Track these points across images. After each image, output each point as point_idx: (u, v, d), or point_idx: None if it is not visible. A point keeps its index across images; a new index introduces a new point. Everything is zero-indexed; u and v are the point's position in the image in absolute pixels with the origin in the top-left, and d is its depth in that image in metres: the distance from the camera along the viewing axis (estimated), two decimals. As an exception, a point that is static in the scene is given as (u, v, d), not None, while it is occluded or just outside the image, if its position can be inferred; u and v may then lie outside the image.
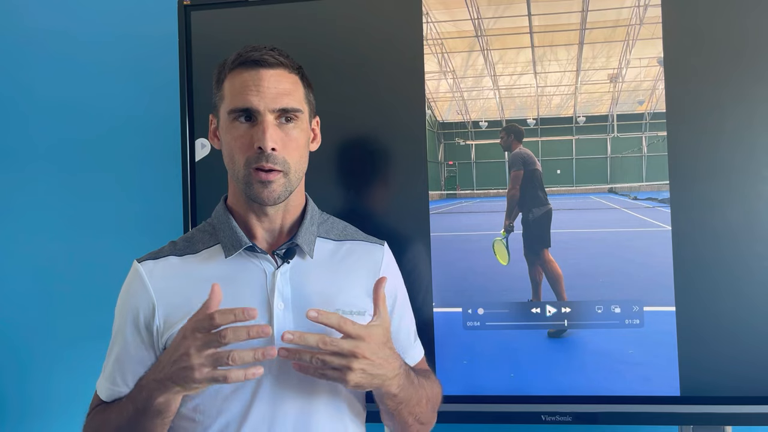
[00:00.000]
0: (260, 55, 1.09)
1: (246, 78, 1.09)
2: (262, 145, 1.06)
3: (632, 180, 1.56)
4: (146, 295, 1.12)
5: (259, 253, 1.13)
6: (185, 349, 0.96)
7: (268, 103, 1.08)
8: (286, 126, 1.10)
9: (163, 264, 1.15)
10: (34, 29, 2.05)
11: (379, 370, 1.02)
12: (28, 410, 2.06)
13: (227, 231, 1.14)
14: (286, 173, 1.10)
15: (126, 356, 1.13)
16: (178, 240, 1.21)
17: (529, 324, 1.56)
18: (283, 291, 1.11)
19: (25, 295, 2.05)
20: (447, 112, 1.62)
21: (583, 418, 1.53)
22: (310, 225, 1.17)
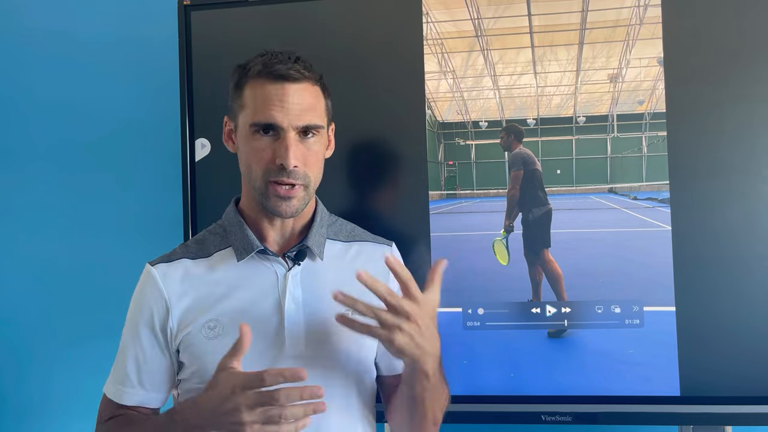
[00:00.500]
0: (286, 69, 1.08)
1: (270, 91, 1.08)
2: (285, 162, 1.07)
3: (632, 180, 1.56)
4: (160, 298, 1.13)
5: (271, 255, 1.14)
6: (235, 405, 0.95)
7: (292, 120, 1.08)
8: (306, 141, 1.10)
9: (176, 266, 1.16)
10: (34, 29, 2.05)
11: (424, 341, 1.02)
12: (27, 410, 2.06)
13: (239, 234, 1.15)
14: (306, 186, 1.11)
15: (141, 359, 1.14)
16: (189, 242, 1.22)
17: (529, 324, 1.56)
18: (294, 293, 1.12)
19: (25, 294, 2.05)
20: (447, 112, 1.62)
21: (583, 418, 1.53)
22: (320, 227, 1.18)
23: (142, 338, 1.14)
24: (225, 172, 1.66)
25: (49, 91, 2.04)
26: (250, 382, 0.95)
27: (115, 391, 1.16)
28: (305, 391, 0.95)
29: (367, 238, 1.25)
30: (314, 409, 0.96)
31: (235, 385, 0.96)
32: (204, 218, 1.67)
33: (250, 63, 1.12)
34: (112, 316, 2.00)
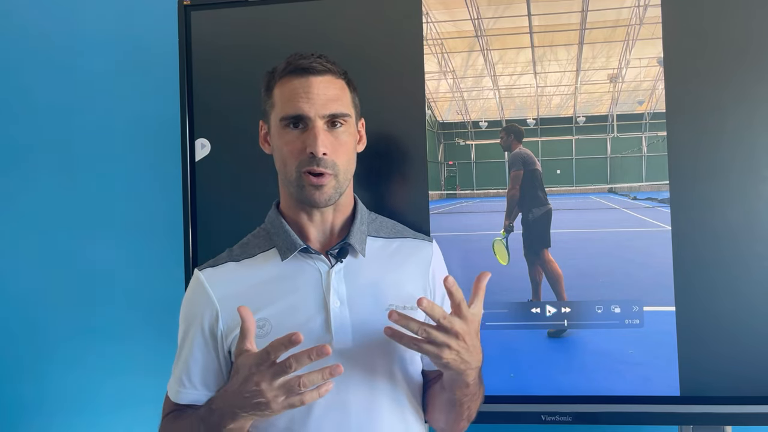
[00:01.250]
0: (309, 63, 1.13)
1: (296, 85, 1.13)
2: (314, 150, 1.11)
3: (632, 180, 1.56)
4: (209, 302, 1.17)
5: (313, 254, 1.18)
6: (256, 385, 0.99)
7: (318, 110, 1.12)
8: (335, 131, 1.14)
9: (223, 270, 1.20)
10: (34, 29, 2.05)
11: (470, 357, 1.06)
12: (27, 410, 2.06)
13: (282, 235, 1.19)
14: (336, 176, 1.14)
15: (192, 360, 1.19)
16: (234, 247, 1.25)
17: (529, 324, 1.56)
18: (339, 289, 1.16)
19: (25, 294, 2.05)
20: (447, 112, 1.62)
21: (583, 418, 1.53)
22: (361, 224, 1.22)
23: (193, 341, 1.18)
24: (225, 172, 1.67)
25: (48, 90, 2.04)
26: (260, 358, 0.98)
27: (172, 391, 1.21)
28: (312, 352, 0.97)
29: (408, 235, 1.29)
30: (330, 372, 0.98)
31: (251, 365, 0.99)
32: (204, 218, 1.67)
33: (276, 67, 1.18)
34: (112, 315, 2.01)
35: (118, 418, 2.01)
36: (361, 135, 1.24)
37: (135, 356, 1.98)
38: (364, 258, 1.20)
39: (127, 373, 1.99)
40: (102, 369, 2.01)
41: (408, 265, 1.23)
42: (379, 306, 1.15)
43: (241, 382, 1.01)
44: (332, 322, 1.13)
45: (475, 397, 1.16)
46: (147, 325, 1.98)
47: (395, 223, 1.31)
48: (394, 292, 1.18)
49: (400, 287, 1.19)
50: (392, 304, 1.15)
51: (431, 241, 1.30)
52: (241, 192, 1.67)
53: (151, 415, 1.98)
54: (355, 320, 1.14)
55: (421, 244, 1.27)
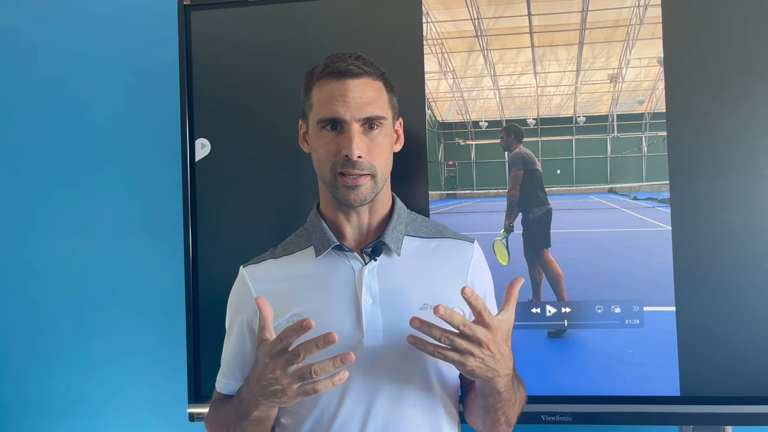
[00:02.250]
0: (346, 65, 1.14)
1: (333, 88, 1.14)
2: (349, 153, 1.12)
3: (632, 180, 1.56)
4: (249, 297, 1.20)
5: (347, 251, 1.19)
6: (272, 373, 1.02)
7: (354, 113, 1.13)
8: (371, 133, 1.16)
9: (263, 267, 1.24)
10: (34, 29, 2.05)
11: (496, 365, 1.04)
12: (28, 410, 2.06)
13: (318, 232, 1.21)
14: (373, 176, 1.16)
15: (234, 353, 1.23)
16: (278, 246, 1.28)
17: (529, 324, 1.56)
18: (371, 287, 1.16)
19: (25, 294, 2.05)
20: (447, 112, 1.62)
21: (583, 418, 1.53)
22: (398, 224, 1.22)
23: (236, 334, 1.23)
24: (225, 172, 1.67)
25: (48, 90, 2.04)
26: (274, 346, 1.02)
27: (219, 383, 1.26)
28: (319, 340, 0.98)
29: (449, 235, 1.28)
30: (341, 359, 0.99)
31: (267, 353, 1.02)
32: (204, 218, 1.67)
33: (316, 67, 1.19)
34: (112, 315, 2.01)
35: (119, 418, 2.01)
36: (398, 134, 1.25)
37: (135, 356, 1.98)
38: (400, 257, 1.20)
39: (127, 373, 1.99)
40: (102, 369, 2.01)
41: (446, 266, 1.22)
42: (413, 305, 1.14)
43: (261, 370, 1.04)
44: (363, 319, 1.14)
45: (511, 402, 1.14)
46: (147, 325, 1.97)
47: (436, 222, 1.30)
48: (429, 292, 1.17)
49: (436, 287, 1.19)
50: (426, 303, 1.14)
51: (472, 242, 1.28)
52: (241, 192, 1.67)
53: (152, 415, 1.98)
54: (387, 319, 1.14)
55: (461, 244, 1.26)
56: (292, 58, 1.63)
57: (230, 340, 1.24)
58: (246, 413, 1.10)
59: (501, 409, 1.14)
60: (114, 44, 2.00)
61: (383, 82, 1.19)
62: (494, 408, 1.13)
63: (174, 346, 1.86)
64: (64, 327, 2.03)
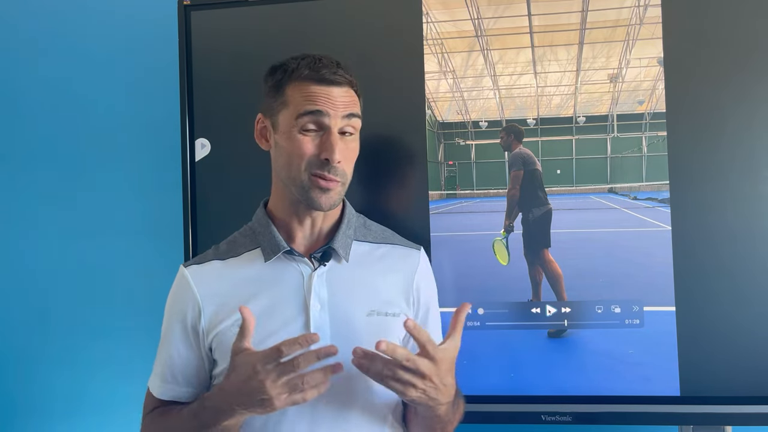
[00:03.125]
0: (332, 74, 1.13)
1: (316, 90, 1.13)
2: (331, 157, 1.11)
3: (632, 180, 1.56)
4: (192, 299, 1.18)
5: (297, 256, 1.17)
6: (259, 382, 0.99)
7: (338, 111, 1.12)
8: (345, 139, 1.15)
9: (208, 268, 1.20)
10: (34, 29, 2.05)
11: (438, 395, 1.05)
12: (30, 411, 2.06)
13: (267, 235, 1.19)
14: (344, 183, 1.15)
15: (176, 356, 1.19)
16: (220, 244, 1.25)
17: (529, 324, 1.56)
18: (320, 293, 1.15)
19: (26, 295, 2.05)
20: (447, 112, 1.62)
21: (583, 418, 1.53)
22: (347, 229, 1.21)
23: (175, 337, 1.19)
24: (225, 172, 1.67)
25: (48, 90, 2.04)
26: (268, 357, 0.99)
27: (155, 387, 1.21)
28: (321, 352, 0.98)
29: (396, 242, 1.27)
30: (332, 369, 1.00)
31: (255, 363, 1.00)
32: (204, 218, 1.67)
33: (291, 65, 1.16)
34: (112, 315, 2.01)
35: (120, 418, 2.01)
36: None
37: (135, 356, 1.98)
38: (348, 263, 1.19)
39: (128, 373, 1.98)
40: (103, 369, 2.01)
41: (392, 272, 1.22)
42: (361, 311, 1.15)
43: (244, 380, 1.01)
44: (311, 325, 1.13)
45: (450, 423, 1.15)
46: (147, 325, 1.96)
47: (385, 228, 1.29)
48: (376, 297, 1.17)
49: (384, 294, 1.18)
50: (373, 309, 1.15)
51: (419, 249, 1.27)
52: (241, 192, 1.67)
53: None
54: (335, 325, 1.14)
55: (408, 251, 1.26)
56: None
57: (171, 343, 1.19)
58: (214, 422, 1.06)
59: (439, 427, 1.15)
60: (114, 44, 2.00)
61: (356, 91, 1.18)
62: (432, 428, 1.15)
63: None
64: (64, 327, 2.03)
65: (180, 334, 1.18)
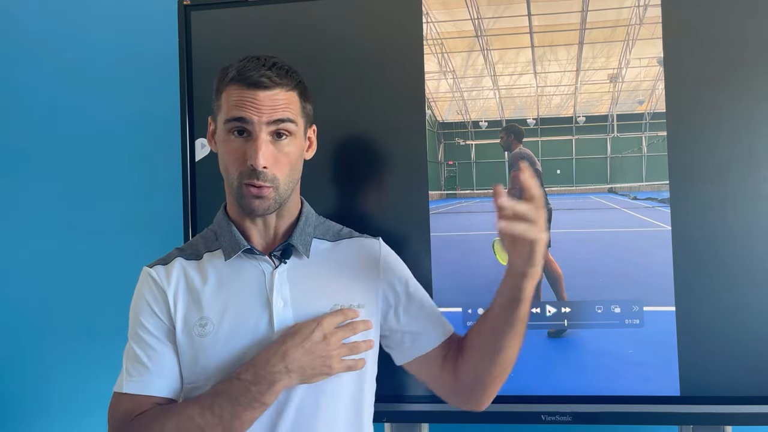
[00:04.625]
0: (258, 76, 1.11)
1: (244, 95, 1.12)
2: (254, 163, 1.10)
3: (632, 180, 1.56)
4: (161, 293, 1.18)
5: (258, 254, 1.18)
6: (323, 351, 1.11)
7: (263, 117, 1.11)
8: (279, 142, 1.13)
9: (172, 267, 1.21)
10: (33, 29, 2.05)
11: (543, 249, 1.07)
12: (27, 411, 2.06)
13: (227, 236, 1.20)
14: (276, 188, 1.13)
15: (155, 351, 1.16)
16: (183, 246, 1.27)
17: (529, 324, 1.55)
18: (282, 290, 1.16)
19: (25, 295, 2.05)
20: (447, 112, 1.62)
21: (583, 418, 1.53)
22: (305, 227, 1.22)
23: (151, 331, 1.17)
24: (225, 172, 1.67)
25: (49, 90, 2.04)
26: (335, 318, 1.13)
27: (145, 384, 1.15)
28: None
29: (355, 236, 1.28)
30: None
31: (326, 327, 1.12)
32: (204, 218, 1.67)
33: (229, 68, 1.16)
34: (112, 316, 2.00)
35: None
36: (311, 141, 1.23)
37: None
38: (309, 259, 1.20)
39: (127, 373, 1.99)
40: (102, 369, 2.01)
41: (356, 264, 1.23)
42: (325, 306, 1.16)
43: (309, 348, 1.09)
44: (275, 322, 1.14)
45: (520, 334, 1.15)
46: (147, 325, 1.98)
47: (342, 227, 1.29)
48: (340, 292, 1.18)
49: (347, 287, 1.19)
50: (337, 303, 1.16)
51: (378, 238, 1.28)
52: (241, 192, 1.67)
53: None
54: (300, 320, 1.14)
55: (367, 241, 1.27)
56: (292, 58, 1.63)
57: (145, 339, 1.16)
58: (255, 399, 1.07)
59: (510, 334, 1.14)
60: (114, 44, 2.00)
61: (298, 92, 1.16)
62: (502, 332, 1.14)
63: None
64: (63, 327, 2.03)
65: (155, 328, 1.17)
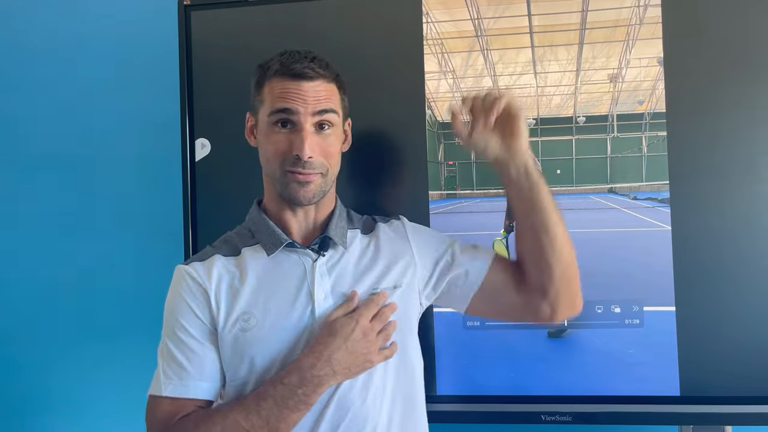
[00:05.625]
0: (302, 68, 1.14)
1: (287, 86, 1.15)
2: (300, 153, 1.13)
3: (632, 180, 1.56)
4: (200, 291, 1.18)
5: (298, 248, 1.20)
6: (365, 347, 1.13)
7: (308, 107, 1.14)
8: (322, 133, 1.17)
9: (209, 264, 1.21)
10: (33, 29, 2.05)
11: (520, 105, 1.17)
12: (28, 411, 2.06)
13: (266, 232, 1.21)
14: (323, 174, 1.17)
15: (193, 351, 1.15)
16: (216, 243, 1.27)
17: (529, 324, 1.56)
18: (323, 282, 1.18)
19: (25, 295, 2.05)
20: (447, 112, 1.62)
21: (583, 418, 1.53)
22: (339, 219, 1.24)
23: (191, 332, 1.16)
24: (225, 172, 1.67)
25: (48, 91, 2.04)
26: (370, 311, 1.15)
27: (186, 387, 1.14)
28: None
29: (380, 221, 1.31)
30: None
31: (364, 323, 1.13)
32: (204, 218, 1.67)
33: (270, 62, 1.19)
34: (112, 315, 2.01)
35: (119, 418, 2.01)
36: (347, 135, 1.26)
37: (135, 356, 1.98)
38: (346, 250, 1.22)
39: (127, 373, 1.98)
40: (102, 369, 2.01)
41: (388, 248, 1.24)
42: (365, 295, 1.18)
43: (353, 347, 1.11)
44: (317, 313, 1.15)
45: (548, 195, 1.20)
46: (147, 325, 1.96)
47: (367, 215, 1.33)
48: (380, 277, 1.21)
49: (386, 271, 1.21)
50: (377, 288, 1.19)
51: (400, 217, 1.32)
52: (241, 192, 1.66)
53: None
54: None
55: (394, 223, 1.30)
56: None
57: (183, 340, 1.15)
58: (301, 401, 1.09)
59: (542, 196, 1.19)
60: (114, 44, 2.00)
61: (337, 85, 1.20)
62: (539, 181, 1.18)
63: (174, 346, 1.85)
64: (63, 327, 2.03)
65: (194, 330, 1.16)
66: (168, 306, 1.21)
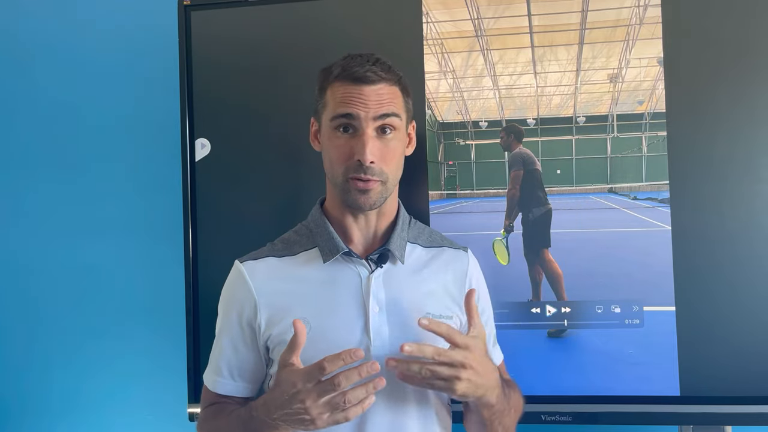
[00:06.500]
0: (363, 71, 1.13)
1: (349, 90, 1.13)
2: (362, 158, 1.11)
3: (632, 180, 1.56)
4: (249, 294, 1.17)
5: (355, 258, 1.18)
6: (301, 402, 0.99)
7: (370, 112, 1.12)
8: (384, 137, 1.14)
9: (264, 264, 1.20)
10: (33, 29, 2.05)
11: (483, 380, 1.06)
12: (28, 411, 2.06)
13: (325, 236, 1.19)
14: (384, 182, 1.14)
15: (232, 352, 1.20)
16: (275, 241, 1.25)
17: (529, 324, 1.56)
18: (378, 295, 1.16)
19: (25, 294, 2.05)
20: (447, 112, 1.62)
21: (583, 418, 1.53)
22: (402, 231, 1.21)
23: (232, 332, 1.19)
24: (225, 172, 1.67)
25: (49, 90, 2.04)
26: (311, 375, 0.99)
27: (210, 381, 1.22)
28: (363, 369, 0.98)
29: (445, 244, 1.28)
30: (374, 386, 0.99)
31: (296, 382, 1.00)
32: (204, 218, 1.67)
33: (332, 66, 1.17)
34: (112, 315, 2.01)
35: (119, 418, 2.01)
36: (411, 137, 1.23)
37: (135, 356, 1.98)
38: (403, 265, 1.19)
39: (127, 373, 1.99)
40: (102, 369, 2.01)
41: (445, 275, 1.22)
42: (417, 314, 1.13)
43: (287, 398, 1.00)
44: (371, 327, 1.13)
45: (506, 412, 1.15)
46: (147, 325, 1.97)
47: (432, 230, 1.30)
48: (431, 301, 1.18)
49: (437, 297, 1.19)
50: (429, 312, 1.15)
51: (467, 250, 1.29)
52: (241, 192, 1.67)
53: (152, 415, 1.98)
54: (392, 327, 1.15)
55: (458, 254, 1.27)
56: (292, 58, 1.63)
57: (226, 338, 1.20)
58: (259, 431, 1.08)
59: (496, 421, 1.14)
60: (114, 44, 2.00)
61: (399, 87, 1.17)
62: (490, 421, 1.13)
63: (174, 346, 1.85)
64: (63, 327, 2.03)
65: (236, 330, 1.18)
66: (222, 301, 1.23)
